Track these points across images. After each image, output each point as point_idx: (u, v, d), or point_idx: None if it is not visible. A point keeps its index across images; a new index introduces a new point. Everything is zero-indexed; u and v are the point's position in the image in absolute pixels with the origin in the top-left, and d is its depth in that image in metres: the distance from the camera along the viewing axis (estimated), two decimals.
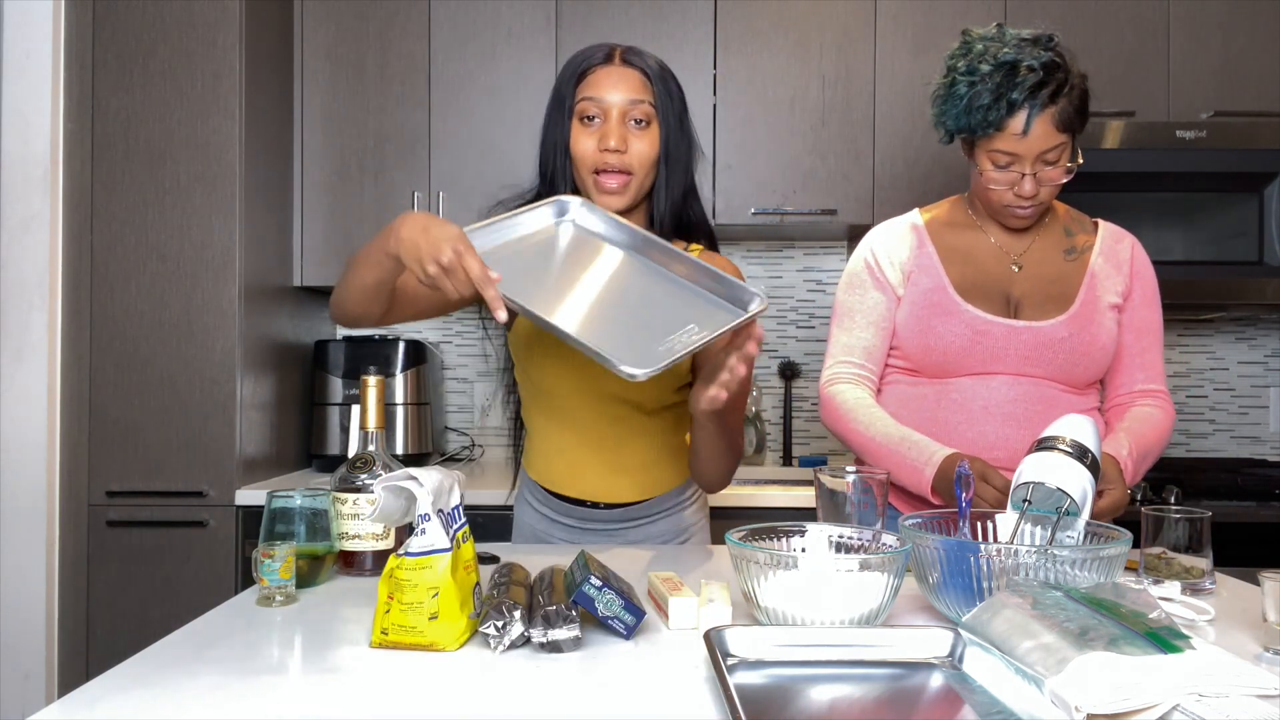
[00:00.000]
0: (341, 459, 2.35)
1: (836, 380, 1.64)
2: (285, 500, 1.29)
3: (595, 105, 1.40)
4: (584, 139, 1.41)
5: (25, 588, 2.27)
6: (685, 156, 1.46)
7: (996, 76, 1.47)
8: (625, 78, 1.40)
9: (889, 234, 1.67)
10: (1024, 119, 1.47)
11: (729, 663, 0.93)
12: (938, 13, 2.67)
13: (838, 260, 3.05)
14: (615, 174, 1.40)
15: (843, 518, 1.28)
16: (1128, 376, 1.63)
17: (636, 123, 1.40)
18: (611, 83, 1.40)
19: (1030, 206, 1.54)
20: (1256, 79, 2.64)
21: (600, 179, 1.40)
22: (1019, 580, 1.00)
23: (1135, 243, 1.65)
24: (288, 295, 2.69)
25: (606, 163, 1.39)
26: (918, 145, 2.66)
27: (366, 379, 1.37)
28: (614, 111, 1.39)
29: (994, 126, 1.48)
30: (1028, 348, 1.55)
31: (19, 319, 2.30)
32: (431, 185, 2.70)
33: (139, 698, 0.86)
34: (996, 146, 1.50)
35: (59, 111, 2.32)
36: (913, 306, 1.61)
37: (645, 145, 1.41)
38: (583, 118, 1.41)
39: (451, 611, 1.01)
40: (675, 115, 1.43)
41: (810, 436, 3.05)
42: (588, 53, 1.43)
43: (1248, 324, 3.02)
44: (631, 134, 1.40)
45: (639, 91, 1.40)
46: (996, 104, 1.47)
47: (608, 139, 1.38)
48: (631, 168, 1.40)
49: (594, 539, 1.55)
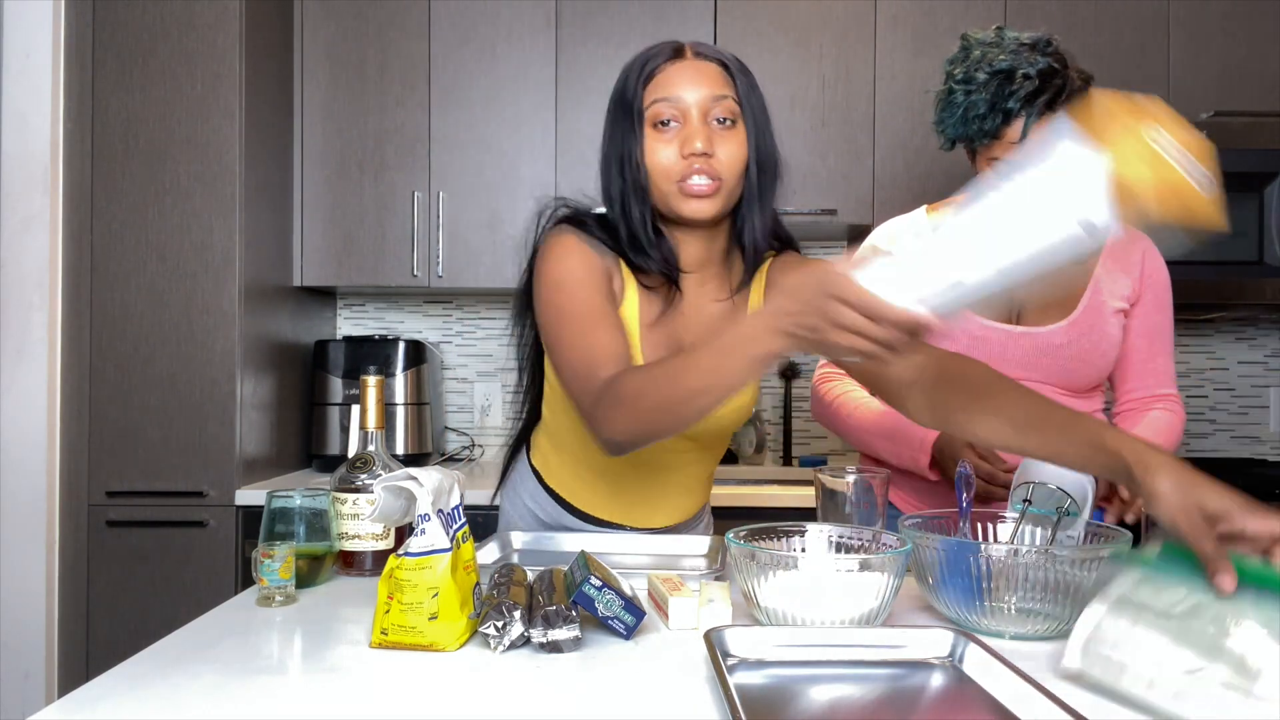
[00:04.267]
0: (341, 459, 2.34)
1: (826, 379, 1.67)
2: (285, 500, 1.29)
3: (671, 106, 1.20)
4: (662, 147, 1.20)
5: (25, 588, 2.27)
6: (775, 161, 1.27)
7: (992, 85, 1.46)
8: (702, 71, 1.22)
9: (892, 235, 1.66)
10: (1021, 127, 1.46)
11: (729, 663, 0.93)
12: (938, 13, 2.66)
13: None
14: (706, 179, 1.20)
15: (843, 518, 1.28)
16: (1139, 381, 1.62)
17: (720, 121, 1.21)
18: (687, 78, 1.21)
19: None
20: (1256, 79, 2.64)
21: (686, 184, 1.20)
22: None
23: (1150, 246, 1.61)
24: (288, 295, 2.69)
25: (692, 168, 1.19)
26: (918, 145, 2.65)
27: (366, 379, 1.37)
28: (694, 111, 1.20)
29: (991, 135, 1.48)
30: (1026, 354, 1.55)
31: (19, 319, 2.30)
32: (431, 185, 2.70)
33: (139, 698, 0.86)
34: (995, 155, 1.49)
35: (59, 111, 2.32)
36: None
37: (734, 146, 1.21)
38: (656, 123, 1.21)
39: (451, 611, 1.01)
40: (763, 111, 1.26)
41: (810, 436, 3.04)
42: (651, 51, 1.24)
43: (1248, 324, 3.02)
44: (716, 135, 1.21)
45: (720, 86, 1.21)
46: (992, 113, 1.46)
47: (691, 141, 1.19)
48: (721, 173, 1.20)
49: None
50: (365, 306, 3.09)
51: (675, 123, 1.21)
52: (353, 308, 3.10)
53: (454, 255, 2.68)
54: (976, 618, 1.06)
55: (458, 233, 2.68)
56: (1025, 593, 1.04)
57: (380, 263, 2.70)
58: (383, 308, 3.09)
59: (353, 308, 3.10)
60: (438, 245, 2.68)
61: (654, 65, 1.23)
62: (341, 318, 3.10)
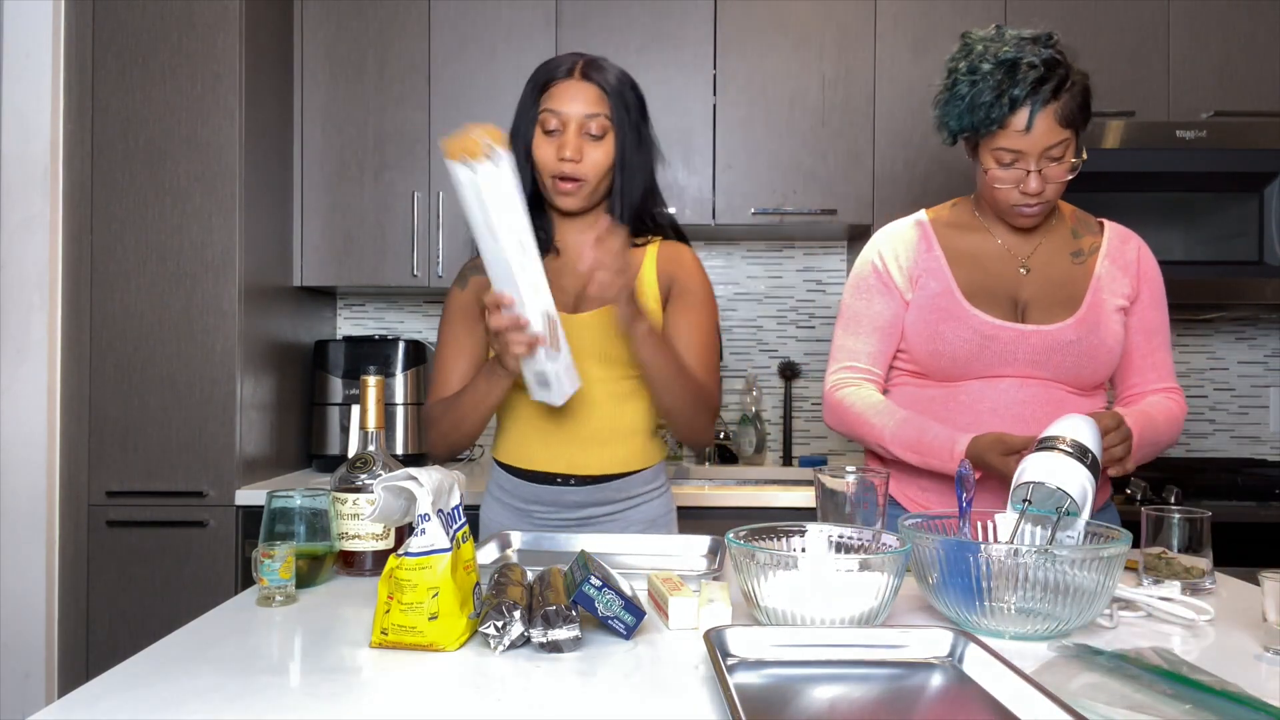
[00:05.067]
0: (341, 459, 2.35)
1: (843, 385, 1.65)
2: (285, 500, 1.29)
3: (555, 118, 1.51)
4: (545, 147, 1.52)
5: (25, 588, 2.27)
6: (644, 162, 1.57)
7: (998, 74, 1.47)
8: (584, 92, 1.52)
9: (895, 237, 1.66)
10: (1026, 115, 1.46)
11: (729, 663, 0.93)
12: (938, 13, 2.67)
13: (837, 260, 3.05)
14: (569, 180, 1.52)
15: (843, 518, 1.28)
16: (1140, 377, 1.64)
17: (592, 135, 1.51)
18: (570, 96, 1.51)
19: (1037, 204, 1.54)
20: (1256, 79, 2.64)
21: (557, 183, 1.52)
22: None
23: (1142, 244, 1.65)
24: (288, 295, 2.69)
25: (562, 170, 1.51)
26: (918, 145, 2.66)
27: (366, 379, 1.37)
28: (572, 124, 1.51)
29: (997, 124, 1.48)
30: (1036, 351, 1.55)
31: (19, 319, 2.30)
32: (431, 185, 2.70)
33: (139, 698, 0.86)
34: (1000, 144, 1.50)
35: (59, 111, 2.32)
36: (920, 311, 1.60)
37: (600, 155, 1.52)
38: (544, 129, 1.52)
39: (451, 611, 1.01)
40: (632, 125, 1.54)
41: (810, 436, 3.05)
42: (553, 65, 1.55)
43: (1248, 324, 3.02)
44: (587, 145, 1.51)
45: (596, 105, 1.51)
46: (999, 101, 1.47)
47: (564, 149, 1.50)
48: (585, 175, 1.52)
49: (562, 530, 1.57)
50: (365, 306, 3.09)
51: (557, 130, 1.52)
52: (353, 308, 3.10)
53: (454, 255, 2.68)
54: (976, 618, 1.06)
55: (458, 233, 2.68)
56: (1025, 593, 1.04)
57: (380, 263, 2.70)
58: (383, 308, 3.09)
59: (353, 308, 3.10)
60: (438, 245, 2.69)
61: (549, 78, 1.54)
62: (341, 318, 3.10)
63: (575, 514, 1.60)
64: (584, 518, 1.60)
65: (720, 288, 3.04)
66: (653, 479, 1.65)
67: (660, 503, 1.66)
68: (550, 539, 1.51)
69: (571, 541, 1.49)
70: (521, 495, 1.62)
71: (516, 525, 1.61)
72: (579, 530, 1.58)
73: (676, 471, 2.81)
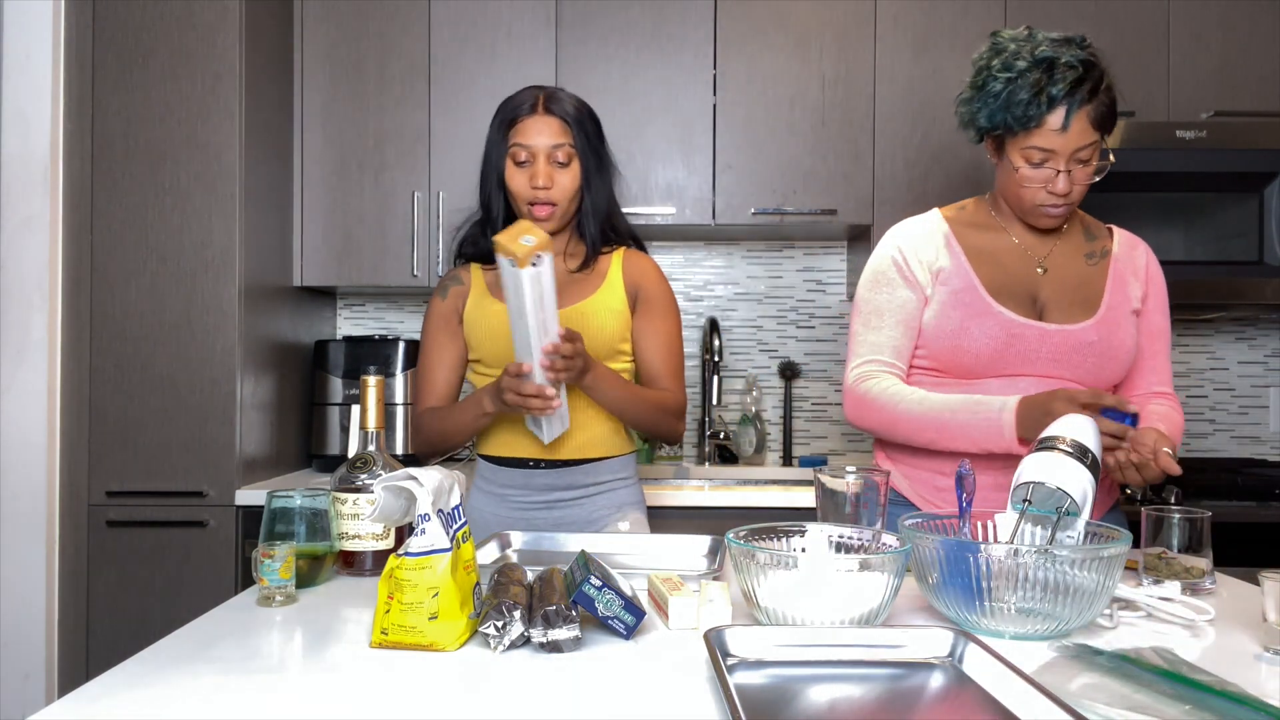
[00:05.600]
0: (341, 459, 2.35)
1: (867, 378, 1.61)
2: (285, 500, 1.29)
3: (525, 150, 1.69)
4: (518, 177, 1.69)
5: (25, 588, 2.27)
6: (605, 180, 1.76)
7: (1035, 73, 1.46)
8: (548, 125, 1.69)
9: (915, 233, 1.65)
10: (1063, 115, 1.46)
11: (729, 663, 0.93)
12: (938, 13, 2.67)
13: (838, 260, 3.05)
14: (544, 205, 1.69)
15: (843, 518, 1.28)
16: (1141, 380, 1.64)
17: (560, 163, 1.69)
18: (536, 130, 1.68)
19: (1062, 205, 1.53)
20: (1256, 79, 2.64)
21: (533, 209, 1.69)
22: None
23: (1148, 250, 1.66)
24: (288, 295, 2.69)
25: (537, 197, 1.68)
26: (918, 145, 2.66)
27: (366, 379, 1.37)
28: (541, 155, 1.68)
29: (1034, 122, 1.48)
30: (1058, 351, 1.55)
31: (19, 319, 2.30)
32: (431, 185, 2.70)
33: (139, 697, 0.86)
34: (1032, 143, 1.49)
35: (59, 111, 2.32)
36: (942, 307, 1.59)
37: (568, 180, 1.70)
38: (515, 161, 1.69)
39: (451, 611, 1.01)
40: (592, 150, 1.72)
41: (810, 436, 3.05)
42: (516, 101, 1.72)
43: (1248, 324, 3.02)
44: (556, 172, 1.69)
45: (560, 136, 1.69)
46: (1036, 99, 1.46)
47: (537, 178, 1.68)
48: (557, 200, 1.69)
49: (540, 514, 1.71)
50: (365, 306, 3.09)
51: (528, 162, 1.69)
52: (353, 308, 3.10)
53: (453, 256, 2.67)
54: (976, 618, 1.06)
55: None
56: (1025, 593, 1.04)
57: (380, 263, 2.70)
58: (383, 308, 3.09)
59: (353, 308, 3.10)
60: (438, 245, 2.69)
61: (516, 115, 1.71)
62: (341, 318, 3.10)
63: (544, 496, 1.72)
64: (552, 500, 1.72)
65: (720, 288, 3.04)
66: (621, 469, 1.77)
67: (628, 491, 1.77)
68: (550, 539, 1.51)
69: (571, 541, 1.49)
70: (498, 480, 1.75)
71: (494, 510, 1.74)
72: (548, 511, 1.71)
73: (676, 471, 2.82)
